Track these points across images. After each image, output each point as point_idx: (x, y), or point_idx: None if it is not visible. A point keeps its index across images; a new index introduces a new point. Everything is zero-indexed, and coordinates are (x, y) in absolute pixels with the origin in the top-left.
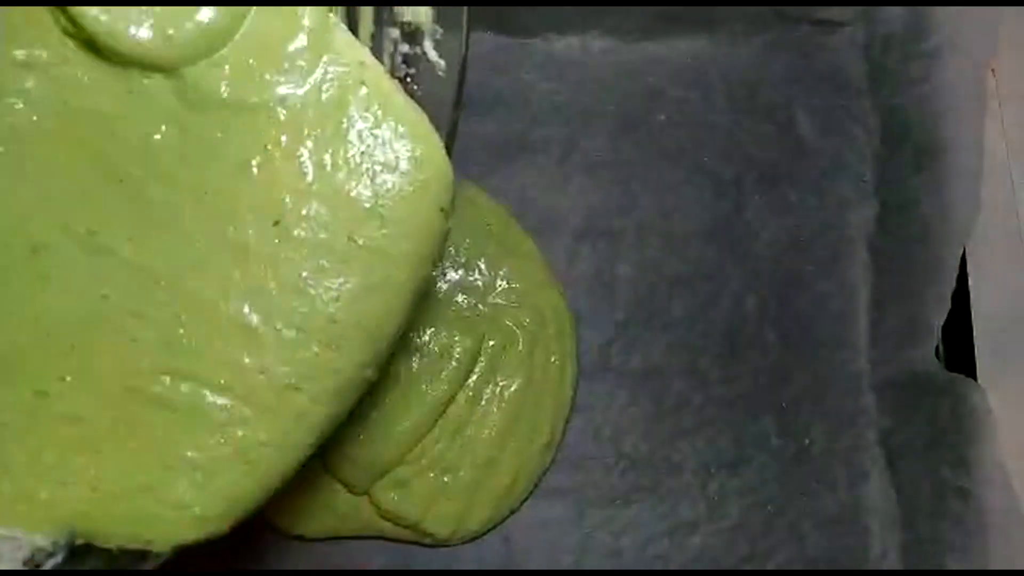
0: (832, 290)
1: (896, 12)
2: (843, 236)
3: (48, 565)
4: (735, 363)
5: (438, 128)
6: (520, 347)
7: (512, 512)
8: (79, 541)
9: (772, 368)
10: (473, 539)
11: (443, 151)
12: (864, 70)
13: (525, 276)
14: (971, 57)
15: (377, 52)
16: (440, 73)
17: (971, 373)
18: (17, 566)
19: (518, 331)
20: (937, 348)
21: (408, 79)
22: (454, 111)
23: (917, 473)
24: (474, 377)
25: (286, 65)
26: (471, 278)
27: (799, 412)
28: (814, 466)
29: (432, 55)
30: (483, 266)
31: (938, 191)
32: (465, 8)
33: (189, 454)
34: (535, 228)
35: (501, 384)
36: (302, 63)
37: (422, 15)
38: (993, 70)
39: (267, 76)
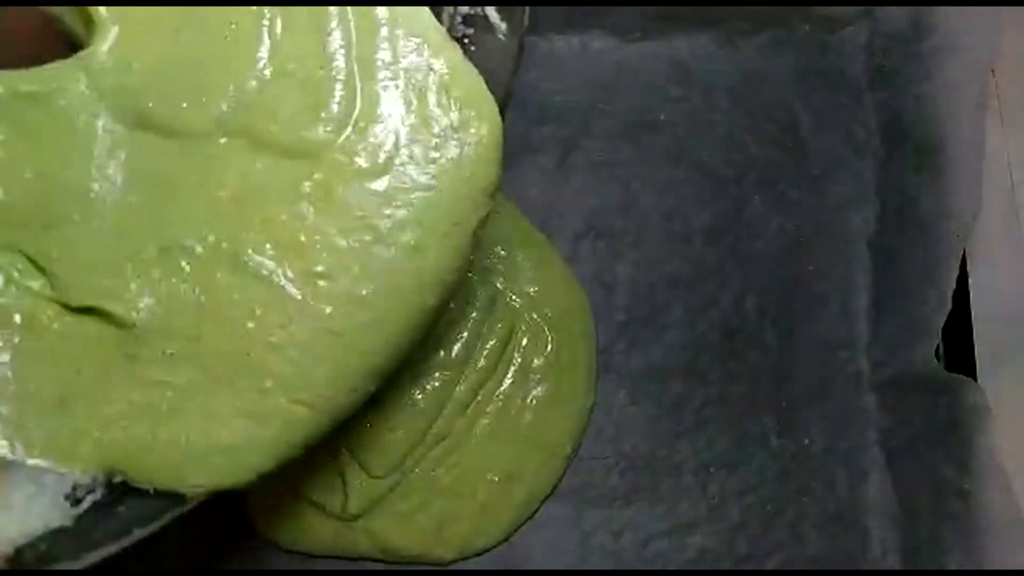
0: (832, 290)
1: (897, 12)
2: (843, 236)
3: (88, 500)
4: (735, 363)
5: (495, 93)
6: (549, 346)
7: (522, 524)
8: (117, 479)
9: (772, 368)
10: (478, 555)
11: (499, 124)
12: (865, 70)
13: (543, 266)
14: (972, 57)
15: (436, 11)
16: (501, 36)
17: (971, 373)
18: (59, 498)
19: (546, 328)
20: (937, 348)
21: (466, 40)
22: (512, 75)
23: (917, 473)
24: (507, 383)
25: (384, 92)
26: (487, 262)
27: (799, 412)
28: (814, 466)
29: (494, 17)
30: (501, 250)
31: (938, 191)
32: None
33: (251, 407)
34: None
35: (533, 392)
36: (392, 72)
37: None
38: (993, 70)
39: (380, 109)
